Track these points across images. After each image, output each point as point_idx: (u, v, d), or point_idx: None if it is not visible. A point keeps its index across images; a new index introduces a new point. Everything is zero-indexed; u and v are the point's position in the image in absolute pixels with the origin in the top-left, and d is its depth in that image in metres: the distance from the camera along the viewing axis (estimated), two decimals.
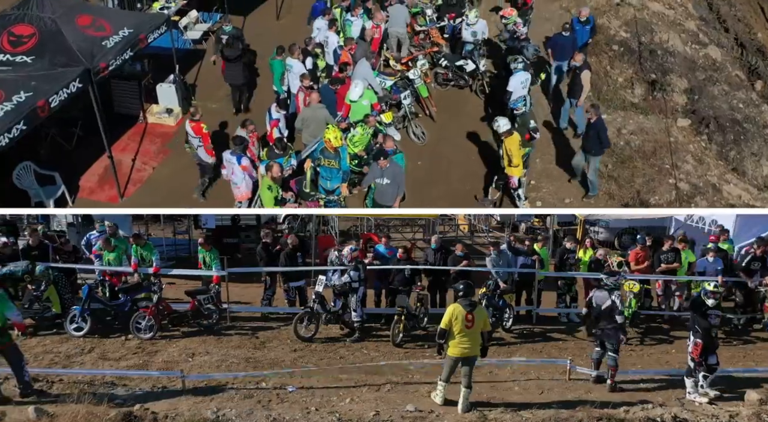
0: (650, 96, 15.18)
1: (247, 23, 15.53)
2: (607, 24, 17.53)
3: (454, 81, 13.94)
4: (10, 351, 7.37)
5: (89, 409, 7.37)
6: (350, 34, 13.20)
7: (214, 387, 8.27)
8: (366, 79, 11.59)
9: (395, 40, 14.60)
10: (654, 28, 17.10)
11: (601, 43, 16.57)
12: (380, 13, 13.63)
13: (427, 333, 11.01)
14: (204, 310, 10.66)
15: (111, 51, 10.95)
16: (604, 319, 8.76)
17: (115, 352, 9.70)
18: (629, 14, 17.86)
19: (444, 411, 8.03)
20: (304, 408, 7.80)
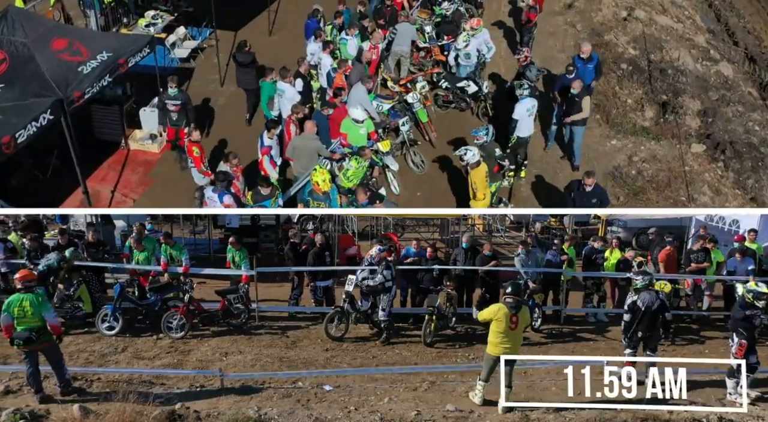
0: (661, 119, 15.35)
1: (238, 39, 15.83)
2: (615, 41, 17.63)
3: (455, 103, 14.01)
4: (50, 349, 7.74)
5: (135, 407, 7.68)
6: (345, 53, 13.56)
7: (251, 386, 8.78)
8: (362, 105, 11.73)
9: (395, 60, 14.98)
10: (663, 44, 17.31)
11: (608, 62, 16.46)
12: (378, 32, 13.92)
13: (456, 332, 11.80)
14: (234, 309, 11.31)
15: (87, 78, 10.88)
16: (651, 320, 9.16)
17: (148, 351, 10.26)
18: (637, 30, 17.90)
19: (484, 411, 8.49)
20: (344, 407, 8.30)
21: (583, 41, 13.00)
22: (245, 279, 11.43)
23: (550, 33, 17.50)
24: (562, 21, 18.11)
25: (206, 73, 15.19)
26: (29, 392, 7.92)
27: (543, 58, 15.63)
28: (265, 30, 16.52)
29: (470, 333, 11.45)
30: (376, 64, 13.42)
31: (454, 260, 11.90)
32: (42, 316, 7.59)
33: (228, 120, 13.81)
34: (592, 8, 18.81)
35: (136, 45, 12.01)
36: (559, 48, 17.06)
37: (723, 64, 16.64)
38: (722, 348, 10.62)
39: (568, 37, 17.47)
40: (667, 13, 18.71)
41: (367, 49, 13.14)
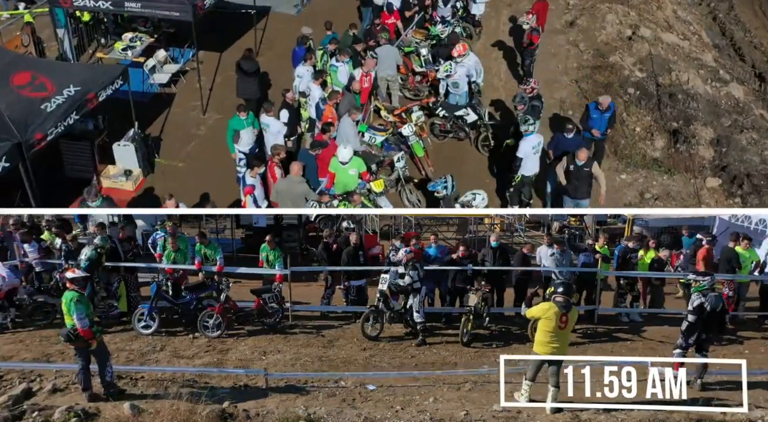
0: (672, 148, 14.99)
1: (223, 61, 16.13)
2: (620, 62, 17.31)
3: (453, 132, 13.94)
4: (99, 348, 8.10)
5: (187, 406, 7.90)
6: (336, 81, 13.65)
7: (295, 386, 9.02)
8: (350, 140, 11.85)
9: (385, 85, 14.71)
10: (672, 66, 17.17)
11: (615, 86, 16.41)
12: (371, 59, 13.84)
13: (490, 332, 12.19)
14: (268, 309, 11.78)
15: (51, 116, 10.60)
16: (711, 322, 9.35)
17: (186, 350, 10.60)
18: (643, 50, 17.66)
19: (532, 411, 8.57)
20: (390, 406, 8.56)
21: (603, 96, 13.20)
22: (279, 278, 12.12)
23: (552, 54, 17.42)
24: (564, 40, 18.10)
25: (188, 100, 15.20)
26: (76, 390, 8.42)
27: (545, 80, 15.72)
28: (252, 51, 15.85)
29: (504, 333, 12.20)
30: (368, 93, 13.63)
31: (482, 260, 12.47)
32: (92, 313, 8.11)
33: (208, 153, 14.14)
34: (595, 26, 18.70)
35: (108, 76, 11.90)
36: (562, 70, 16.97)
37: (733, 86, 16.95)
38: (762, 348, 11.39)
39: (570, 58, 17.42)
40: (672, 30, 18.98)
41: (359, 77, 13.34)
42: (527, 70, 14.95)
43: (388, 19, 15.52)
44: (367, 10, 17.11)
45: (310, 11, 18.28)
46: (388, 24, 15.32)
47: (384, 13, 15.53)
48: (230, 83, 14.70)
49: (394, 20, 15.54)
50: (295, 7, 18.55)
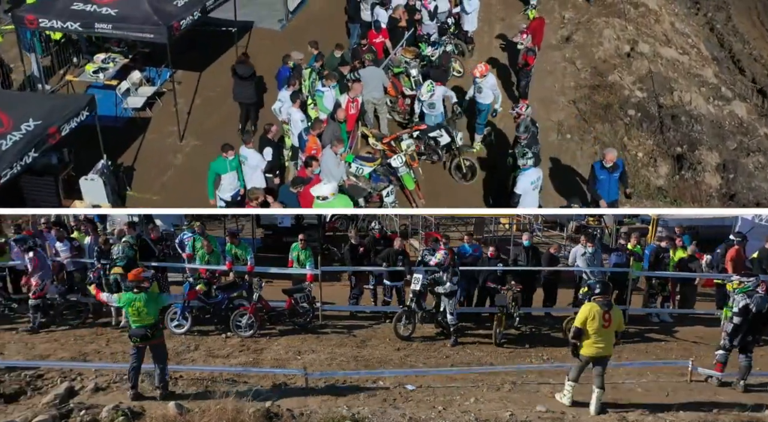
0: (677, 175, 14.72)
1: (203, 81, 15.87)
2: (619, 81, 16.96)
3: (426, 155, 13.73)
4: (160, 347, 8.66)
5: (234, 405, 8.08)
6: (322, 107, 13.35)
7: (334, 385, 9.31)
8: (332, 175, 11.65)
9: (371, 109, 14.39)
10: (673, 84, 16.97)
11: (614, 108, 16.07)
12: (358, 83, 13.45)
13: (521, 332, 12.54)
14: (299, 308, 12.32)
15: (5, 156, 10.02)
16: (757, 323, 9.55)
17: (220, 350, 11.00)
18: (643, 68, 17.33)
19: (577, 412, 8.72)
20: (432, 407, 8.81)
21: (607, 149, 12.65)
22: (310, 278, 12.76)
23: (548, 72, 17.14)
24: (560, 57, 17.81)
25: (164, 124, 14.90)
26: (118, 389, 8.79)
27: (541, 100, 15.82)
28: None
29: (535, 333, 12.61)
30: (354, 119, 13.46)
31: (514, 259, 12.99)
32: (156, 313, 8.64)
33: (185, 184, 13.66)
34: (592, 42, 18.40)
35: (73, 107, 11.60)
36: (558, 89, 16.73)
37: (736, 104, 17.08)
38: None
39: (567, 76, 17.14)
40: (671, 44, 18.93)
41: (344, 104, 13.08)
42: (522, 91, 14.55)
43: (376, 38, 15.76)
44: (355, 26, 17.28)
45: (295, 26, 18.38)
46: (375, 43, 15.54)
47: (371, 31, 15.86)
48: (210, 105, 15.02)
49: (382, 39, 15.84)
50: (279, 22, 19.04)
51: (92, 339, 11.39)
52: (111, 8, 13.57)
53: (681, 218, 16.53)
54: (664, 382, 9.85)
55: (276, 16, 18.68)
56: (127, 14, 13.51)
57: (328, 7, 19.01)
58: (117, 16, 13.44)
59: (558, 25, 18.99)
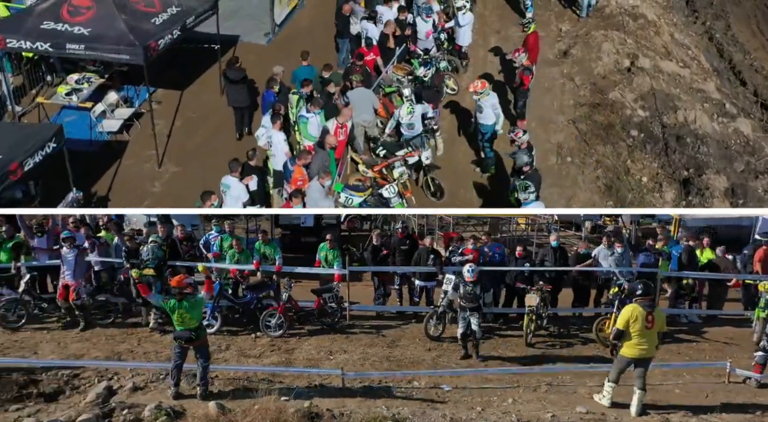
0: (684, 201, 14.43)
1: (184, 100, 15.43)
2: (621, 99, 16.42)
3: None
4: (203, 347, 9.15)
5: (276, 405, 8.34)
6: (306, 134, 13.13)
7: (370, 386, 9.65)
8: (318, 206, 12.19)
9: (362, 133, 14.08)
10: (676, 102, 16.45)
11: (616, 128, 15.63)
12: (347, 108, 13.22)
13: (550, 332, 12.89)
14: (328, 308, 12.80)
15: None
16: None
17: (251, 349, 11.40)
18: (645, 84, 16.77)
19: (618, 413, 8.93)
20: (470, 407, 9.11)
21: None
22: (338, 278, 13.18)
23: (546, 88, 16.73)
24: (558, 73, 17.39)
25: (142, 148, 14.60)
26: (156, 389, 9.10)
27: (539, 119, 15.56)
28: (216, 88, 16.01)
29: (563, 333, 12.89)
30: (344, 146, 13.44)
31: (542, 260, 13.25)
32: (200, 317, 9.19)
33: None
34: (590, 56, 17.77)
35: (37, 140, 11.33)
36: (557, 108, 16.33)
37: (740, 121, 16.86)
38: None
39: (566, 93, 16.70)
40: (671, 57, 18.53)
41: (333, 129, 12.83)
42: (520, 111, 14.62)
43: (367, 56, 15.63)
44: (344, 41, 17.01)
45: (282, 40, 18.09)
46: (366, 61, 15.44)
47: (362, 49, 15.70)
48: (191, 127, 14.97)
49: (374, 56, 15.80)
50: (266, 35, 19.52)
51: (123, 339, 11.77)
52: (83, 27, 13.69)
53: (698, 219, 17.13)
54: (702, 383, 10.11)
55: (262, 30, 19.07)
56: (101, 33, 13.62)
57: (316, 20, 19.11)
58: (90, 35, 13.70)
59: (555, 38, 19.11)
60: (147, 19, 13.73)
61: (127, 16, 13.46)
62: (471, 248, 13.19)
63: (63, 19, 13.24)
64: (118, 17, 13.33)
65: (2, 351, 11.07)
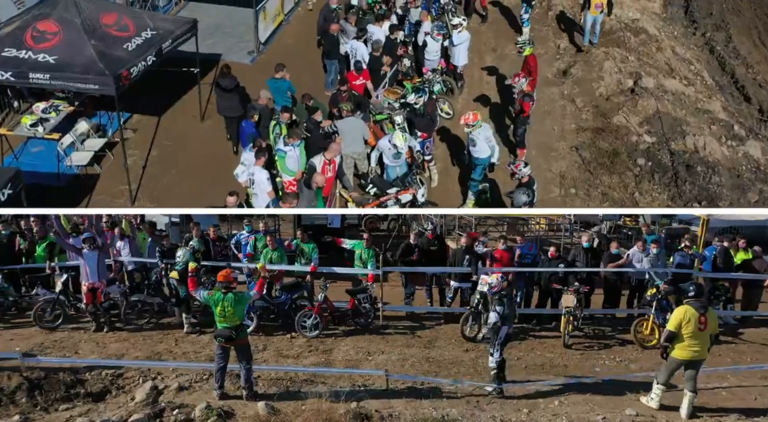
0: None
1: (162, 125, 14.78)
2: (625, 124, 15.64)
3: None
4: (244, 347, 9.38)
5: (328, 406, 8.47)
6: (284, 169, 12.41)
7: (413, 387, 9.71)
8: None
9: (352, 166, 13.32)
10: (684, 127, 15.64)
11: (622, 156, 14.89)
12: (335, 143, 12.31)
13: (584, 334, 12.86)
14: (362, 309, 13.13)
15: None
16: None
17: (289, 350, 11.68)
18: (650, 107, 16.00)
19: (668, 416, 8.86)
20: (517, 409, 9.27)
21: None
22: (371, 278, 13.59)
23: (546, 112, 16.12)
24: (557, 94, 16.77)
25: (115, 183, 13.83)
26: (201, 389, 9.33)
27: (539, 146, 14.97)
28: (197, 113, 15.51)
29: (598, 334, 12.92)
30: (332, 182, 12.87)
31: (573, 260, 13.31)
32: (242, 315, 9.43)
33: None
34: (591, 76, 17.16)
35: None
36: (558, 133, 15.58)
37: (750, 144, 16.55)
38: None
39: (567, 117, 16.00)
40: (674, 74, 18.05)
41: (320, 167, 12.02)
42: (519, 139, 14.48)
43: (356, 80, 15.33)
44: (332, 63, 16.65)
45: (267, 60, 17.34)
46: (355, 86, 15.18)
47: (351, 72, 15.54)
48: (168, 158, 14.46)
49: (363, 81, 15.47)
50: (250, 54, 20.36)
51: (160, 339, 11.91)
52: (49, 54, 13.45)
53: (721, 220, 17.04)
54: (748, 386, 10.04)
55: (246, 48, 19.69)
56: (68, 61, 13.25)
57: (303, 37, 19.41)
58: (56, 63, 13.53)
59: (554, 55, 19.14)
60: (119, 44, 13.33)
61: (96, 42, 13.08)
62: (502, 249, 13.49)
63: (26, 46, 12.68)
64: (86, 43, 13.01)
65: (43, 351, 11.50)
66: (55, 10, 12.99)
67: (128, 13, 14.23)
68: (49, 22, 12.79)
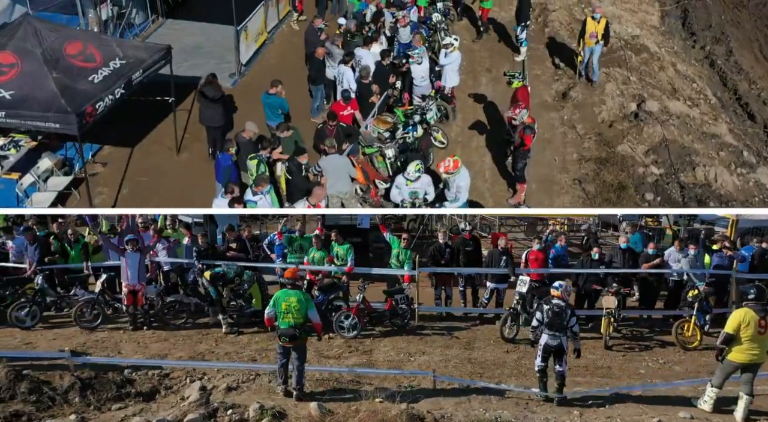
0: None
1: (135, 158, 13.90)
2: (631, 153, 14.72)
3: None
4: (303, 348, 9.68)
5: (383, 406, 8.40)
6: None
7: (459, 388, 9.60)
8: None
9: (338, 203, 12.92)
10: (693, 156, 14.57)
11: (629, 191, 14.03)
12: (320, 188, 11.41)
13: (622, 335, 12.60)
14: (399, 310, 13.38)
15: None
16: None
17: (329, 350, 11.96)
18: (655, 134, 14.89)
19: (723, 419, 8.75)
20: (567, 411, 9.23)
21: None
22: (407, 279, 13.89)
23: (546, 140, 15.20)
24: (557, 119, 15.77)
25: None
26: (248, 388, 9.36)
27: (540, 180, 14.26)
28: (172, 145, 14.64)
29: (637, 335, 12.69)
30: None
31: (610, 261, 13.31)
32: (306, 314, 9.78)
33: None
34: (593, 100, 16.11)
35: None
36: (560, 165, 14.73)
37: (761, 171, 15.81)
38: None
39: (568, 145, 15.08)
40: (678, 95, 17.24)
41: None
42: (519, 174, 14.19)
43: (343, 110, 14.52)
44: (318, 88, 15.93)
45: (249, 82, 16.54)
46: (343, 117, 14.31)
47: (338, 102, 14.88)
48: (141, 193, 13.74)
49: (351, 111, 14.72)
50: (231, 76, 18.83)
51: (200, 339, 11.96)
52: (5, 89, 13.71)
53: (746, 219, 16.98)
54: None
55: (227, 70, 19.72)
56: (27, 96, 12.76)
57: (288, 58, 19.12)
58: (13, 99, 13.50)
59: (552, 76, 18.59)
60: (84, 76, 12.81)
61: (59, 74, 12.57)
62: (536, 249, 13.44)
63: None
64: (47, 76, 12.31)
65: (87, 351, 11.49)
66: (12, 39, 12.28)
67: (95, 41, 13.50)
68: (5, 53, 11.97)
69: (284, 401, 9.33)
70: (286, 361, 9.74)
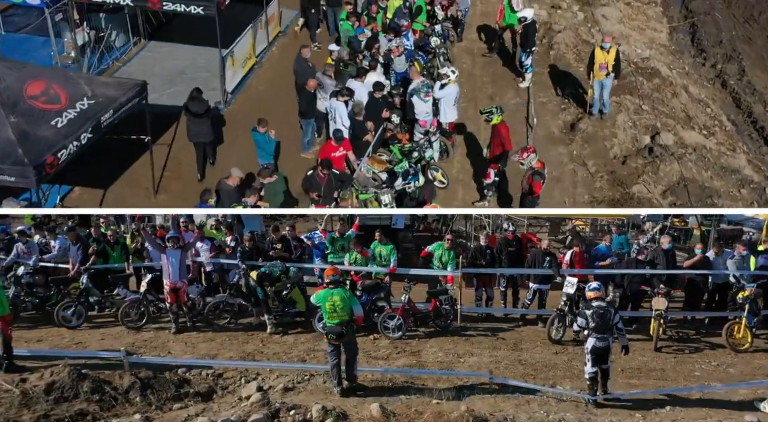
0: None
1: (109, 200, 13.22)
2: (647, 195, 13.71)
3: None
4: (352, 343, 10.24)
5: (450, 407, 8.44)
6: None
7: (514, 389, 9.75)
8: None
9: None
10: (714, 198, 13.52)
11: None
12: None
13: (669, 336, 12.42)
14: (442, 310, 13.87)
15: None
16: None
17: (376, 351, 12.11)
18: (673, 172, 13.96)
19: None
20: (629, 414, 9.21)
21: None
22: (450, 280, 14.41)
23: (555, 179, 14.30)
24: (566, 155, 14.77)
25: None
26: (305, 389, 9.63)
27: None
28: (150, 185, 14.09)
29: (684, 337, 12.61)
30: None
31: (651, 262, 13.01)
32: (350, 310, 10.35)
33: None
34: (603, 133, 15.05)
35: None
36: (570, 206, 14.51)
37: None
38: None
39: (579, 184, 14.18)
40: (693, 123, 16.20)
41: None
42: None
43: (335, 152, 13.47)
44: (309, 122, 14.74)
45: (235, 111, 15.45)
46: (335, 158, 13.39)
47: (329, 143, 13.84)
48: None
49: (344, 152, 13.80)
50: (216, 105, 16.22)
51: (246, 340, 11.99)
52: None
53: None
54: None
55: (212, 98, 18.84)
56: None
57: (278, 84, 18.12)
58: None
59: (558, 105, 16.55)
60: (46, 120, 11.98)
61: (17, 118, 11.60)
62: (579, 250, 13.69)
63: None
64: (4, 121, 11.47)
65: (136, 350, 11.43)
66: None
67: (60, 79, 12.36)
68: None
69: (343, 402, 9.64)
70: (338, 361, 10.25)
